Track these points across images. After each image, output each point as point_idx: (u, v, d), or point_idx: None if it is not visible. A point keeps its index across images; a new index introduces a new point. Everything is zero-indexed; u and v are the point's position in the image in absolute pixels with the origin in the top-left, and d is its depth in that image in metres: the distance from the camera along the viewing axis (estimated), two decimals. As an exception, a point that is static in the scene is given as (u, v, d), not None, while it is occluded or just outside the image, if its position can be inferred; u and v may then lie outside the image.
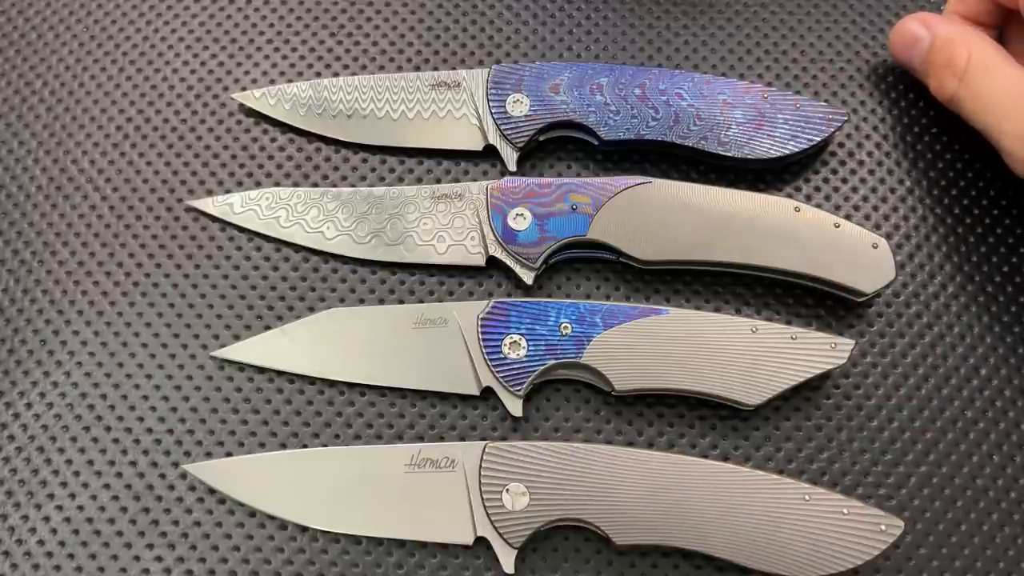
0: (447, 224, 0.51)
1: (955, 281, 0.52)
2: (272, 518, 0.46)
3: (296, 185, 0.54)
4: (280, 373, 0.50)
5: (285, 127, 0.56)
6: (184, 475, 0.47)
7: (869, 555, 0.43)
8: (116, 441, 0.48)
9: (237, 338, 0.50)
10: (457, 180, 0.54)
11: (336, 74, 0.57)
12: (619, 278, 0.52)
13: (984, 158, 0.55)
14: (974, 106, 0.50)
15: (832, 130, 0.53)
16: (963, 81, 0.50)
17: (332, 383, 0.49)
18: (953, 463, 0.48)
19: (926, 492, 0.48)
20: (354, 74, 0.57)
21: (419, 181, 0.54)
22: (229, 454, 0.48)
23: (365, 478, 0.46)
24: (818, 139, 0.52)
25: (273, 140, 0.55)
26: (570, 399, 0.49)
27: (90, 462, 0.48)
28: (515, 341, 0.48)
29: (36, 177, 0.54)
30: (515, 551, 0.44)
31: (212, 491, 0.47)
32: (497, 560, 0.45)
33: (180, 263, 0.52)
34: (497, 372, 0.47)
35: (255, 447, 0.48)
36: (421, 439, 0.48)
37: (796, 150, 0.52)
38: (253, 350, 0.50)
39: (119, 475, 0.48)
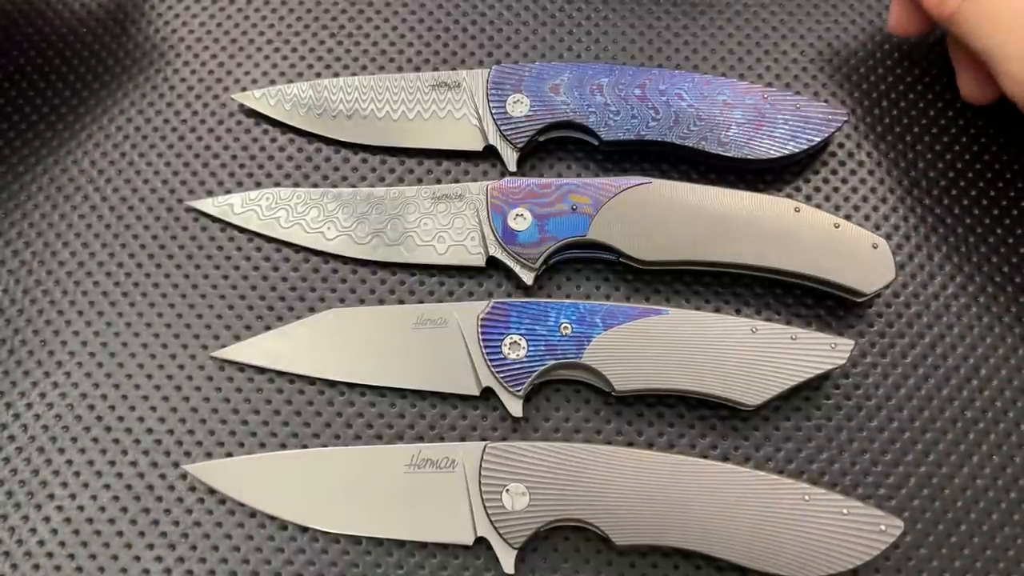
0: (447, 224, 0.51)
1: (955, 281, 0.52)
2: (272, 518, 0.46)
3: (296, 185, 0.54)
4: (280, 373, 0.50)
5: (285, 127, 0.56)
6: (184, 475, 0.47)
7: (869, 555, 0.43)
8: (116, 441, 0.48)
9: (237, 338, 0.50)
10: (457, 180, 0.54)
11: (336, 74, 0.57)
12: (619, 278, 0.52)
13: (984, 158, 0.55)
14: (978, 26, 0.47)
15: (832, 130, 0.53)
16: None
17: (332, 383, 0.49)
18: (953, 463, 0.48)
19: (926, 492, 0.48)
20: (354, 74, 0.57)
21: (419, 181, 0.54)
22: (229, 454, 0.48)
23: (365, 478, 0.46)
24: (818, 139, 0.52)
25: (273, 140, 0.55)
26: (570, 399, 0.49)
27: (90, 462, 0.48)
28: (515, 341, 0.48)
29: (36, 177, 0.54)
30: (515, 551, 0.44)
31: (212, 491, 0.47)
32: (497, 560, 0.45)
33: (180, 263, 0.52)
34: (497, 372, 0.47)
35: (255, 447, 0.48)
36: (421, 439, 0.48)
37: (796, 150, 0.52)
38: (253, 350, 0.50)
39: (119, 475, 0.48)
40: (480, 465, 0.45)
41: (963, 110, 0.56)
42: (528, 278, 0.50)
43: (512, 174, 0.53)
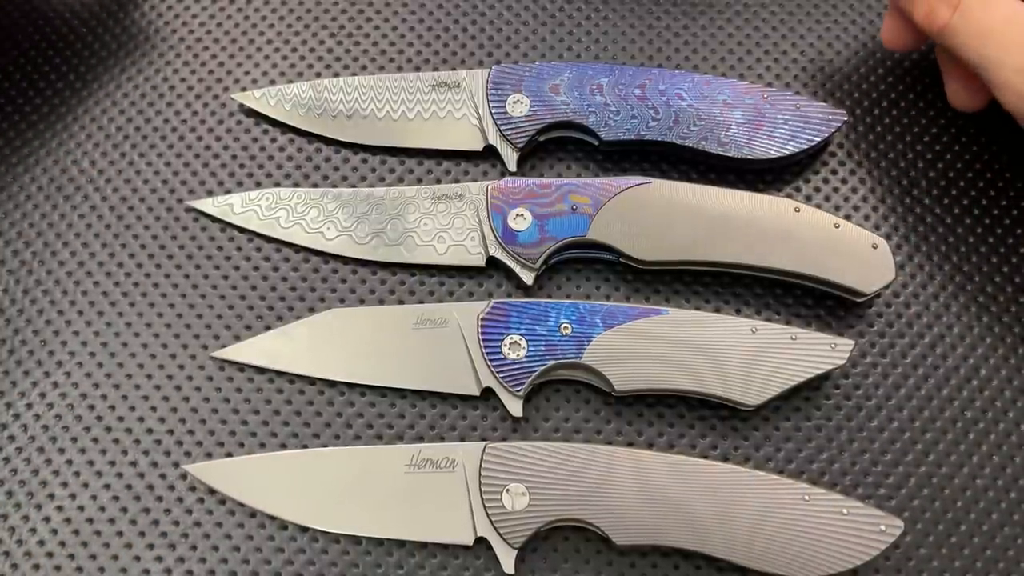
0: (447, 224, 0.51)
1: (955, 281, 0.52)
2: (272, 518, 0.46)
3: (296, 185, 0.54)
4: (280, 373, 0.50)
5: (285, 127, 0.56)
6: (184, 475, 0.47)
7: (869, 555, 0.43)
8: (116, 441, 0.48)
9: (237, 338, 0.50)
10: (457, 180, 0.54)
11: (336, 74, 0.57)
12: (619, 278, 0.52)
13: (984, 158, 0.55)
14: (970, 38, 0.47)
15: (832, 130, 0.53)
16: (958, 10, 0.47)
17: (332, 383, 0.49)
18: (953, 463, 0.48)
19: (926, 492, 0.48)
20: (354, 74, 0.57)
21: (419, 181, 0.54)
22: (229, 454, 0.48)
23: (365, 478, 0.46)
24: (818, 139, 0.52)
25: (273, 140, 0.55)
26: (570, 399, 0.49)
27: (90, 462, 0.48)
28: (515, 341, 0.48)
29: (36, 177, 0.54)
30: (515, 551, 0.44)
31: (212, 491, 0.47)
32: (497, 560, 0.45)
33: (180, 263, 0.52)
34: (497, 372, 0.47)
35: (255, 447, 0.48)
36: (421, 439, 0.48)
37: (796, 150, 0.52)
38: (253, 350, 0.50)
39: (119, 475, 0.48)
40: (480, 465, 0.45)
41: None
42: (528, 278, 0.50)
43: (512, 174, 0.53)
